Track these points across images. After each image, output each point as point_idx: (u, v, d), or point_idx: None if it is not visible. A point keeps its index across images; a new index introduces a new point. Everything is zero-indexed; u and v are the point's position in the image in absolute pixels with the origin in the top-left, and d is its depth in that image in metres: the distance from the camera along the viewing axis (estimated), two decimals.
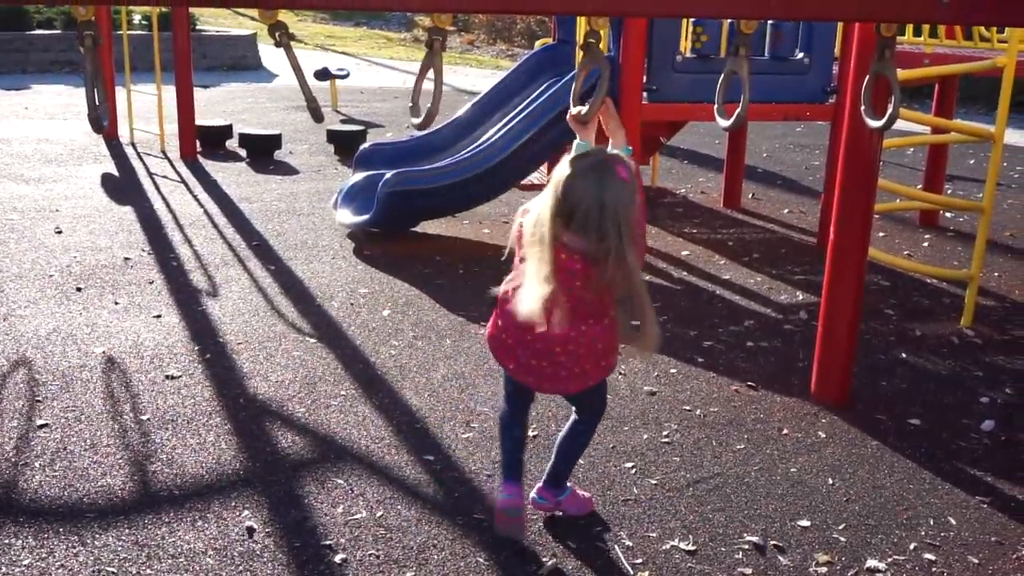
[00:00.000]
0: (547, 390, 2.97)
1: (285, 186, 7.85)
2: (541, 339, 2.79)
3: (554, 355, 2.83)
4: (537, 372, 2.88)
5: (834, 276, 4.02)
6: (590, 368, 2.89)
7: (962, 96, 13.21)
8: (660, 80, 6.20)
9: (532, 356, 2.86)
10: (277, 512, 3.10)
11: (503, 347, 2.94)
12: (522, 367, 2.89)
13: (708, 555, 2.97)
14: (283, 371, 4.20)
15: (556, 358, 2.84)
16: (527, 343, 2.83)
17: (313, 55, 18.27)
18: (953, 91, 7.33)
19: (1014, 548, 3.09)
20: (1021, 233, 7.27)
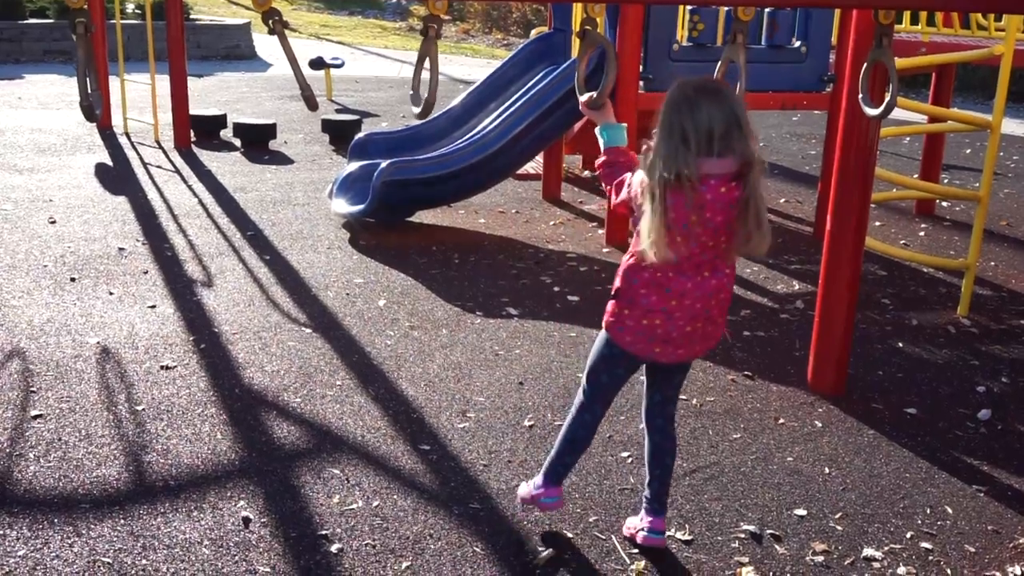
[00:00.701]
0: (687, 356, 2.78)
1: (280, 176, 7.82)
2: (696, 294, 2.64)
3: (710, 310, 2.68)
4: (690, 338, 2.71)
5: (830, 265, 4.01)
6: (723, 321, 2.77)
7: (959, 85, 13.21)
8: (656, 69, 6.17)
9: (688, 321, 2.68)
10: (273, 502, 3.10)
11: (648, 332, 2.72)
12: (672, 341, 2.72)
13: (705, 544, 2.97)
14: (278, 361, 4.18)
15: (711, 313, 2.69)
16: (684, 307, 2.66)
17: (308, 44, 18.21)
18: (950, 80, 7.31)
19: (1011, 536, 3.09)
20: (1017, 222, 7.27)
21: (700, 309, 2.67)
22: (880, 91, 3.10)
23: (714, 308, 2.70)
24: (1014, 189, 8.46)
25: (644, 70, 6.15)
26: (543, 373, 4.18)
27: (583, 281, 5.46)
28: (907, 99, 5.14)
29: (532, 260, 5.82)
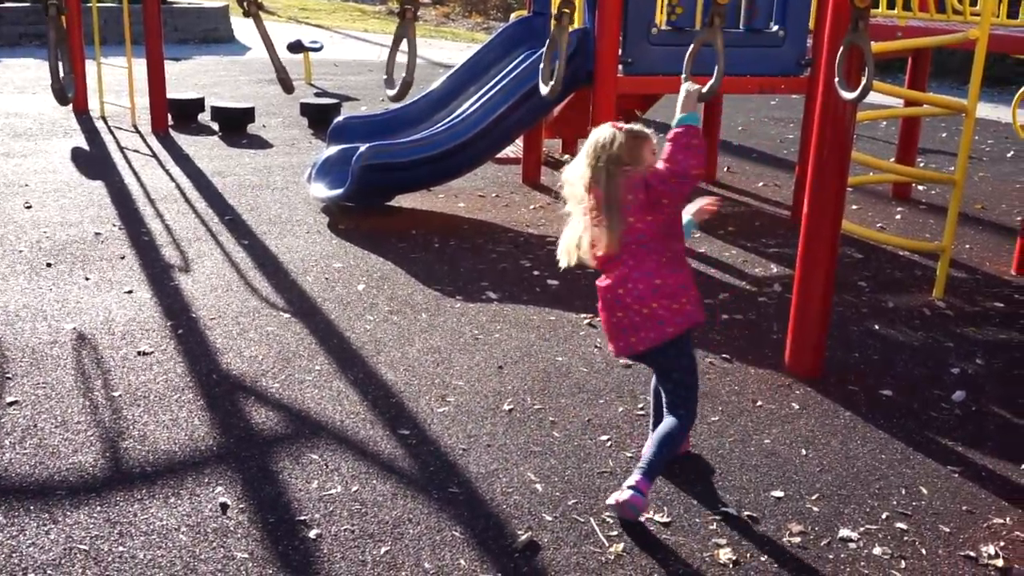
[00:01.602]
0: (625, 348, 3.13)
1: (258, 160, 7.78)
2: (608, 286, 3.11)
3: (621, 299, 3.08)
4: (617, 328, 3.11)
5: (807, 249, 4.03)
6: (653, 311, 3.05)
7: (936, 70, 13.27)
8: (635, 53, 6.17)
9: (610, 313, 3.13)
10: (251, 488, 3.09)
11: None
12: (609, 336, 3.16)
13: (683, 526, 2.99)
14: (257, 346, 4.17)
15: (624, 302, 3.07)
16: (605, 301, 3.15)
17: (286, 27, 18.09)
18: (926, 64, 7.34)
19: (984, 517, 3.12)
20: (992, 205, 7.33)
21: (611, 300, 3.04)
22: (856, 75, 3.11)
23: (625, 297, 2.98)
24: (989, 173, 8.52)
25: (623, 54, 6.15)
26: (523, 357, 4.19)
27: None
28: (883, 83, 5.15)
29: (512, 244, 5.82)
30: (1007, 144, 9.79)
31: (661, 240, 3.00)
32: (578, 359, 4.19)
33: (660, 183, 2.92)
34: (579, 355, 4.23)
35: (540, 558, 2.80)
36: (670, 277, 3.00)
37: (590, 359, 4.19)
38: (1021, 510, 3.17)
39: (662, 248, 3.00)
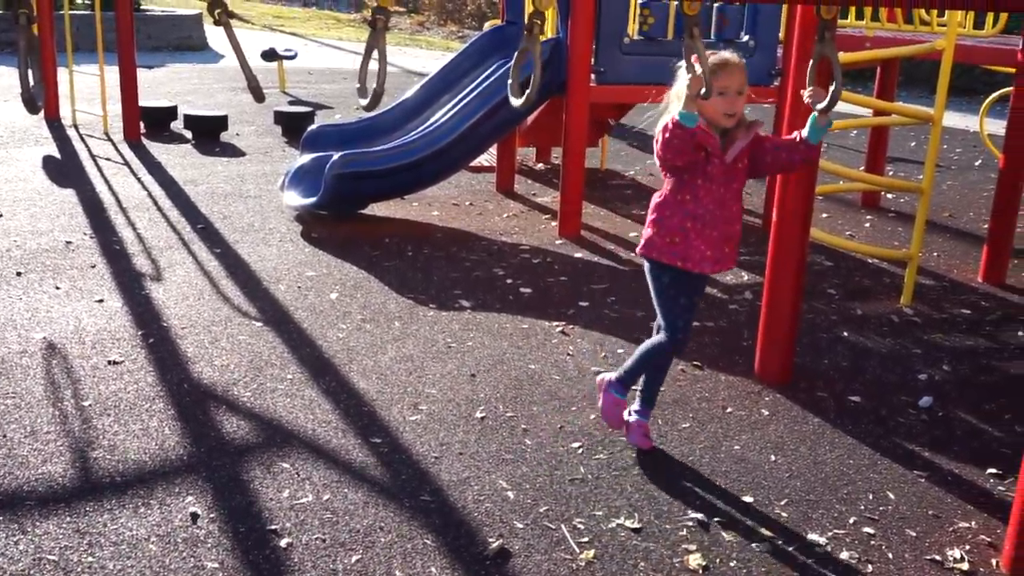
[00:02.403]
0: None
1: (231, 168, 7.76)
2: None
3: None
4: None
5: (776, 257, 4.07)
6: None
7: (904, 79, 13.43)
8: (608, 62, 6.22)
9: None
10: (222, 497, 3.08)
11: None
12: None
13: (653, 532, 3.01)
14: (228, 355, 4.16)
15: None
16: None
17: (260, 35, 18.05)
18: (894, 74, 7.44)
19: (950, 521, 3.16)
20: (959, 213, 7.42)
21: None
22: (825, 85, 3.16)
23: None
24: (956, 181, 8.63)
25: (596, 63, 6.19)
26: (495, 365, 4.20)
27: (536, 273, 5.49)
28: (853, 93, 5.22)
29: (485, 252, 5.84)
30: (975, 153, 9.92)
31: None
32: (551, 367, 4.21)
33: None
34: (552, 363, 4.25)
35: (511, 565, 2.81)
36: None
37: (562, 367, 4.21)
38: (986, 514, 3.21)
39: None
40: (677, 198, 3.29)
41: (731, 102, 3.17)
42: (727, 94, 3.16)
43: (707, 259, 3.30)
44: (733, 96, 3.17)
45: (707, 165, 3.23)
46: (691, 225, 3.27)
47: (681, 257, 3.30)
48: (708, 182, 3.25)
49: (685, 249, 3.29)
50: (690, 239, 3.28)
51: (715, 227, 3.28)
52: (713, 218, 3.27)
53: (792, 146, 3.28)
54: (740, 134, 3.25)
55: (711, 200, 3.26)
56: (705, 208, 3.26)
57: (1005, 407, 4.03)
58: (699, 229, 3.27)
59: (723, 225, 3.29)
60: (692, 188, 3.26)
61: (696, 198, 3.26)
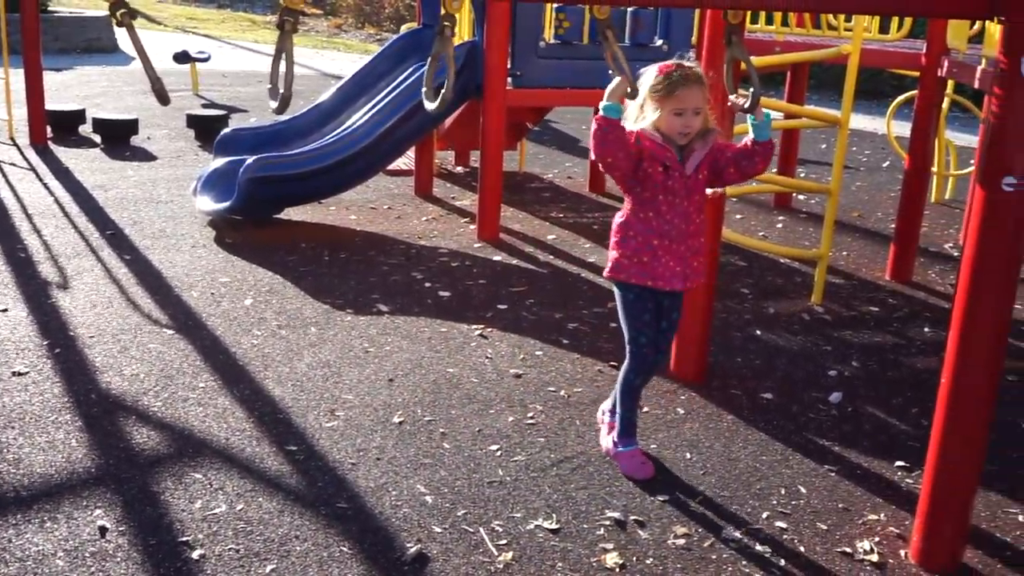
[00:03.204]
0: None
1: (142, 173, 7.58)
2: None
3: None
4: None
5: None
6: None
7: (815, 83, 13.75)
8: (524, 66, 6.24)
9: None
10: (131, 510, 3.01)
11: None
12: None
13: (571, 533, 3.02)
14: (138, 364, 4.06)
15: None
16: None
17: (173, 37, 17.70)
18: (804, 78, 7.61)
19: (860, 513, 3.24)
20: (868, 213, 7.62)
21: None
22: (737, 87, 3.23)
23: None
24: (865, 182, 8.87)
25: (512, 67, 6.21)
26: (414, 369, 4.18)
27: (454, 276, 5.47)
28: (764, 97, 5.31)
29: (404, 256, 5.81)
30: (883, 155, 10.20)
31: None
32: (469, 370, 4.20)
33: None
34: (470, 366, 4.24)
35: (429, 570, 2.80)
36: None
37: (481, 370, 4.21)
38: (895, 506, 3.30)
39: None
40: (640, 216, 3.22)
41: (686, 122, 3.11)
42: (684, 115, 3.10)
43: (677, 275, 3.25)
44: (689, 116, 3.11)
45: (667, 180, 3.16)
46: (658, 242, 3.21)
47: (651, 276, 3.24)
48: (670, 196, 3.18)
49: (654, 268, 3.23)
50: (658, 256, 3.22)
51: (682, 241, 3.23)
52: (679, 232, 3.21)
53: (749, 152, 3.21)
54: (697, 144, 3.18)
55: (675, 215, 3.20)
56: (670, 223, 3.20)
57: (912, 401, 4.14)
58: (667, 246, 3.21)
59: (690, 239, 3.24)
60: (654, 204, 3.19)
61: (659, 214, 3.20)
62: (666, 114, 3.10)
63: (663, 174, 3.16)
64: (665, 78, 3.10)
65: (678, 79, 3.08)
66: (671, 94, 3.08)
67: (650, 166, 3.16)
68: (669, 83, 3.08)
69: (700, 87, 3.12)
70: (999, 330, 2.76)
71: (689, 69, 3.12)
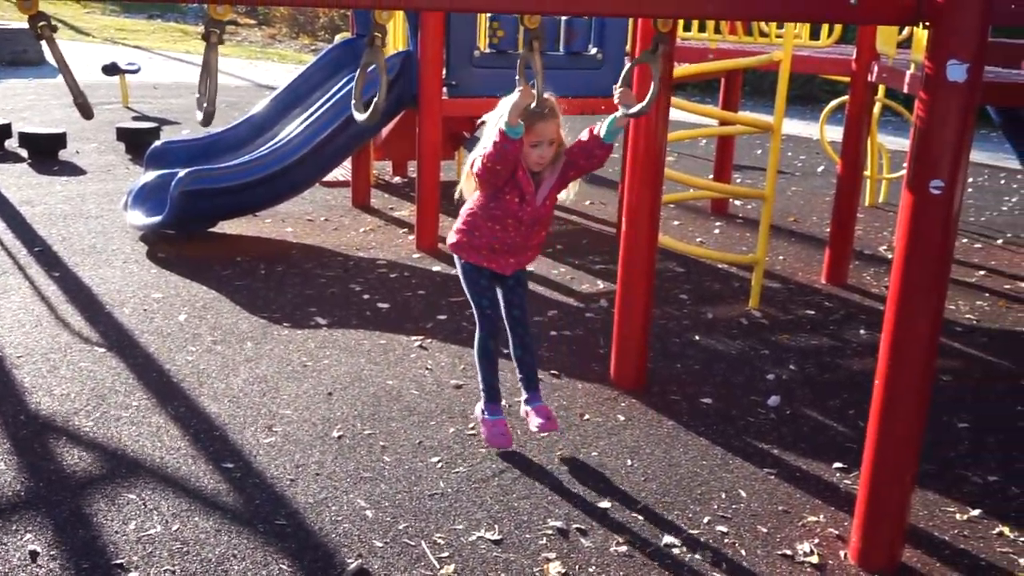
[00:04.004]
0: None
1: (71, 187, 7.41)
2: None
3: None
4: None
5: (627, 265, 4.14)
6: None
7: (750, 90, 13.96)
8: (459, 75, 6.22)
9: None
10: (63, 533, 2.92)
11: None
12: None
13: (513, 543, 3.00)
14: (68, 384, 3.96)
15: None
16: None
17: (102, 49, 17.37)
18: (738, 85, 7.70)
19: (799, 515, 3.27)
20: (804, 218, 7.74)
21: None
22: (644, 91, 3.28)
23: None
24: (801, 187, 9.00)
25: (447, 76, 6.19)
26: (353, 382, 4.13)
27: (393, 287, 5.43)
28: (700, 104, 5.39)
29: (341, 268, 5.75)
30: (817, 160, 10.37)
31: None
32: (409, 382, 4.16)
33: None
34: (410, 378, 4.21)
35: None
36: None
37: (421, 381, 4.17)
38: (834, 508, 3.34)
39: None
40: (488, 224, 3.40)
41: (541, 153, 3.27)
42: (539, 147, 3.25)
43: (511, 265, 3.48)
44: (544, 147, 3.26)
45: (519, 209, 3.34)
46: (499, 247, 3.43)
47: (488, 263, 3.47)
48: (517, 222, 3.37)
49: (492, 260, 3.46)
50: (497, 256, 3.45)
51: (522, 251, 3.47)
52: (519, 246, 3.44)
53: (589, 151, 3.33)
54: (547, 172, 3.36)
55: (518, 235, 3.41)
56: (512, 240, 3.41)
57: (849, 403, 4.20)
58: (507, 251, 3.43)
59: (529, 250, 3.50)
60: (502, 223, 3.38)
61: (505, 231, 3.39)
62: (523, 146, 3.22)
63: (517, 204, 3.33)
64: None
65: (534, 113, 3.15)
66: (530, 128, 3.18)
67: (508, 192, 3.31)
68: (527, 117, 3.15)
69: (555, 119, 3.26)
70: (931, 330, 2.81)
71: (546, 102, 3.18)
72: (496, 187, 3.31)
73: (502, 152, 3.16)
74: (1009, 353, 4.92)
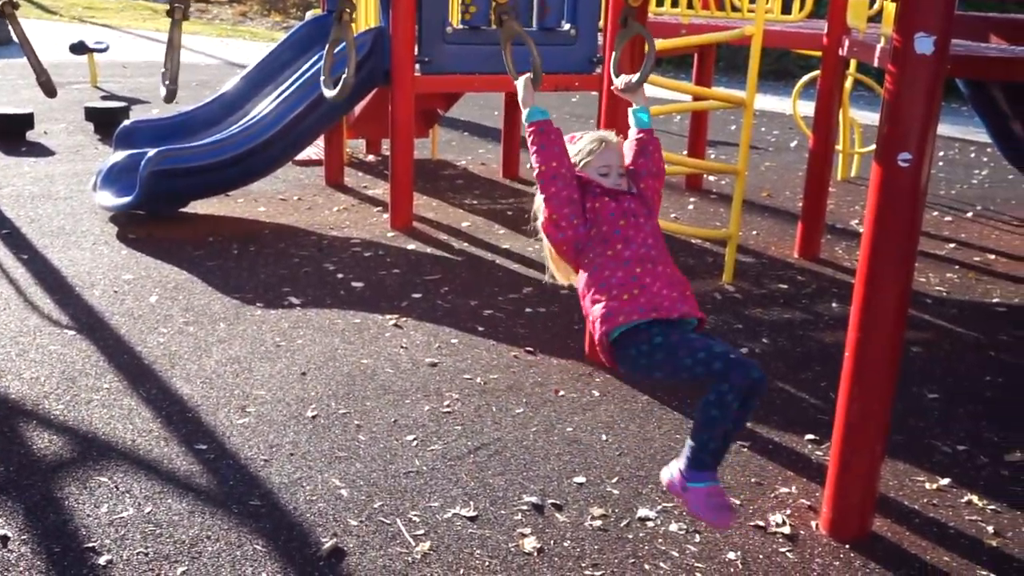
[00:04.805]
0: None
1: (39, 169, 7.32)
2: None
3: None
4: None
5: None
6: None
7: (725, 66, 13.96)
8: (432, 52, 6.18)
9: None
10: (34, 517, 2.90)
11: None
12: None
13: (489, 519, 3.01)
14: (38, 367, 3.92)
15: None
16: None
17: (69, 28, 17.13)
18: (711, 60, 7.70)
19: (772, 487, 3.30)
20: (777, 192, 7.76)
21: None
22: (635, 68, 3.24)
23: None
24: (774, 162, 9.03)
25: (420, 53, 6.15)
26: (327, 361, 4.12)
27: (368, 266, 5.41)
28: (674, 80, 5.38)
29: (315, 248, 5.72)
30: (791, 135, 10.40)
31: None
32: (384, 360, 4.16)
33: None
34: (385, 356, 4.20)
35: (346, 563, 2.76)
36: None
37: (396, 360, 4.16)
38: (805, 479, 3.37)
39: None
40: (608, 255, 2.79)
41: (614, 180, 2.91)
42: (610, 175, 2.90)
43: (674, 299, 2.76)
44: (615, 175, 2.91)
45: (620, 203, 2.86)
46: (640, 272, 2.76)
47: (648, 304, 2.71)
48: (631, 217, 2.84)
49: (648, 298, 2.72)
50: (646, 284, 2.74)
51: (658, 263, 2.82)
52: (652, 256, 2.82)
53: (641, 148, 3.04)
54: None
55: (641, 233, 2.84)
56: (638, 249, 2.80)
57: (821, 375, 4.23)
58: (647, 268, 2.77)
59: (664, 265, 2.84)
60: (616, 237, 2.80)
61: (627, 240, 2.80)
62: (595, 176, 2.91)
63: (614, 200, 2.85)
64: (580, 155, 2.95)
65: (592, 148, 2.93)
66: (590, 163, 2.92)
67: (596, 200, 2.85)
68: (587, 155, 2.92)
69: (613, 146, 2.97)
70: (899, 301, 2.83)
71: (597, 135, 2.98)
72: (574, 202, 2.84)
73: (544, 141, 2.86)
74: (978, 324, 4.97)
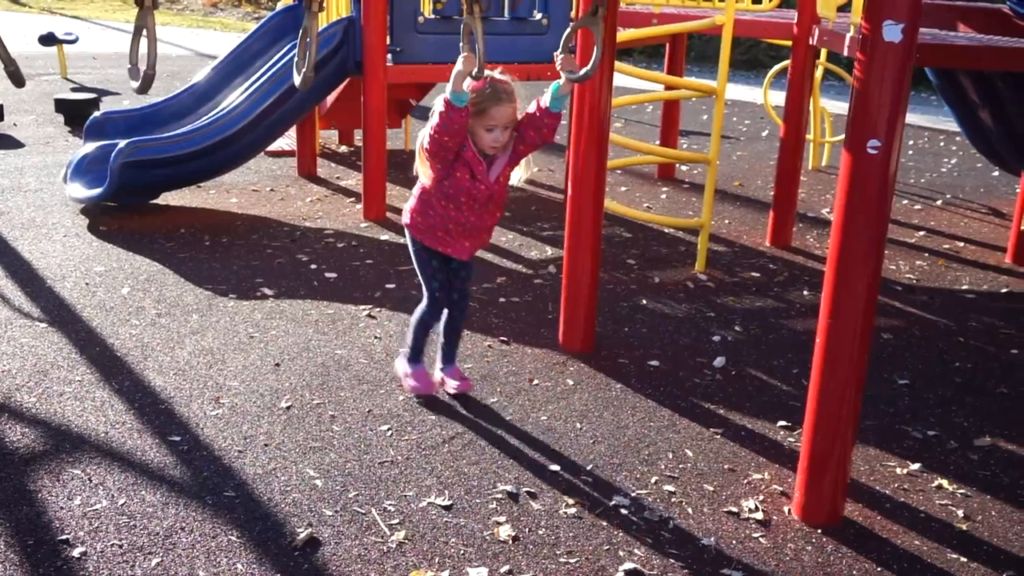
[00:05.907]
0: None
1: (8, 161, 7.24)
2: None
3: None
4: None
5: (574, 230, 4.16)
6: None
7: (696, 56, 14.01)
8: (404, 41, 6.16)
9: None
10: (6, 511, 2.88)
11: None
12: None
13: (464, 508, 3.02)
14: (9, 360, 3.89)
15: None
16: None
17: (39, 19, 16.93)
18: (682, 50, 7.72)
19: (745, 473, 3.33)
20: (748, 182, 7.80)
21: None
22: (585, 60, 3.27)
23: None
24: (746, 151, 9.07)
25: (392, 43, 6.13)
26: (300, 352, 4.11)
27: (341, 257, 5.40)
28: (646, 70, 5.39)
29: (288, 239, 5.70)
30: (762, 124, 10.45)
31: None
32: (358, 351, 4.15)
33: None
34: (359, 347, 4.20)
35: (321, 553, 2.76)
36: None
37: (370, 350, 4.16)
38: (778, 465, 3.40)
39: None
40: (441, 203, 3.43)
41: (496, 137, 3.29)
42: (494, 131, 3.28)
43: (466, 250, 3.53)
44: (499, 132, 3.28)
45: (472, 187, 3.36)
46: (454, 227, 3.47)
47: (443, 246, 3.51)
48: (471, 200, 3.39)
49: (447, 242, 3.50)
50: (452, 236, 3.48)
51: (477, 232, 3.52)
52: (474, 227, 3.48)
53: (537, 123, 3.33)
54: (500, 153, 3.37)
55: (472, 214, 3.44)
56: (467, 219, 3.45)
57: (793, 362, 4.27)
58: (461, 231, 3.47)
59: (484, 232, 3.55)
60: (456, 201, 3.41)
61: (459, 210, 3.43)
62: (478, 129, 3.26)
63: (469, 180, 3.36)
64: (478, 96, 3.21)
65: (490, 96, 3.20)
66: (483, 112, 3.23)
67: (459, 170, 3.34)
68: (481, 100, 3.21)
69: (512, 104, 3.26)
70: (870, 289, 2.86)
71: (501, 85, 3.23)
72: (446, 162, 3.32)
73: (448, 122, 3.16)
74: (947, 311, 5.03)
